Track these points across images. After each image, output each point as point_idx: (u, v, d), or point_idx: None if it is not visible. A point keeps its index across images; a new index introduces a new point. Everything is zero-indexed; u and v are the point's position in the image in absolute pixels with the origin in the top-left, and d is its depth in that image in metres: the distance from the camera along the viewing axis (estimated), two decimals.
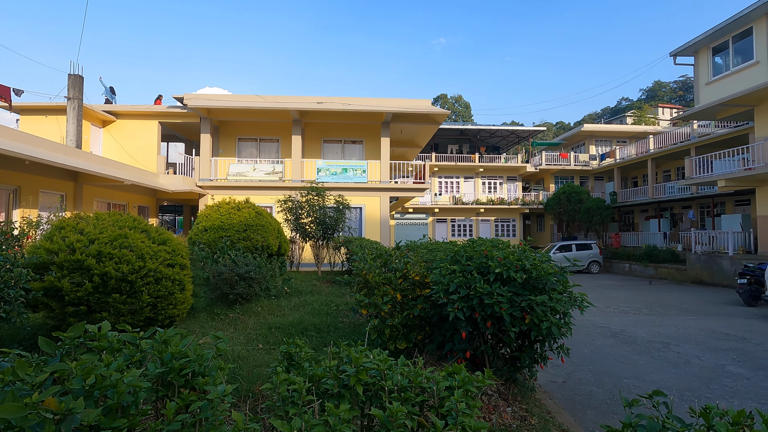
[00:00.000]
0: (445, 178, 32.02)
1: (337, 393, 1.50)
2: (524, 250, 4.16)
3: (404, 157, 23.18)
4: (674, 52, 17.83)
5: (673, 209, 25.71)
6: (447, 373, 1.60)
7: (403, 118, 17.39)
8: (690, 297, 13.50)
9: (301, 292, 9.25)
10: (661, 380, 5.73)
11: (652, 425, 1.25)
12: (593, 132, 32.33)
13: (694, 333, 8.47)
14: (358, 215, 16.72)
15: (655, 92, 73.03)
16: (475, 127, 32.55)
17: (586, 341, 7.83)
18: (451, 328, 4.28)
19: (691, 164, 18.07)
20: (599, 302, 12.30)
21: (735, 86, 15.64)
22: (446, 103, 63.27)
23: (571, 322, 3.77)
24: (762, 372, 6.09)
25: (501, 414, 3.64)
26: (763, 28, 14.66)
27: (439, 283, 4.07)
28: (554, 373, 6.01)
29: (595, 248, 22.54)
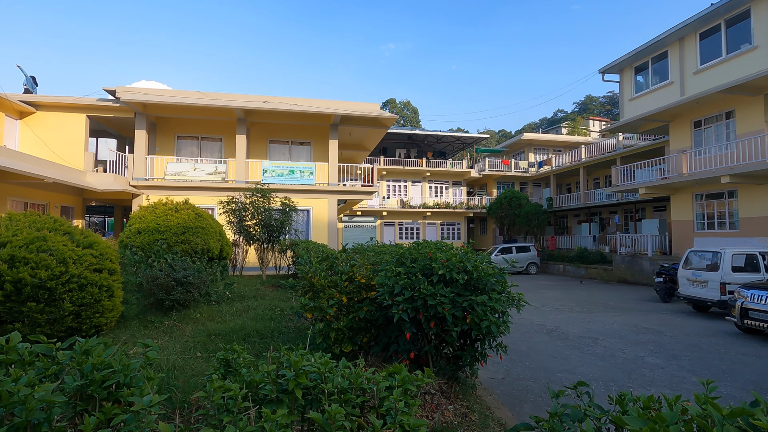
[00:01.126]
0: (394, 182, 32.41)
1: (276, 398, 1.46)
2: (466, 252, 4.31)
3: (353, 160, 23.17)
4: (602, 69, 19.34)
5: (601, 214, 27.79)
6: (388, 374, 1.62)
7: (351, 120, 17.39)
8: (615, 295, 14.64)
9: (244, 297, 8.93)
10: (589, 372, 6.15)
11: (575, 413, 1.34)
12: (532, 141, 34.21)
13: (618, 328, 9.19)
14: (305, 218, 16.46)
15: (586, 105, 78.75)
16: (423, 133, 33.27)
17: (524, 339, 8.24)
18: (396, 329, 4.32)
19: (617, 173, 19.66)
20: (536, 301, 12.99)
21: (653, 103, 17.25)
22: (395, 107, 64.13)
23: (509, 321, 3.95)
24: (674, 361, 6.74)
25: (443, 412, 3.72)
26: (677, 52, 16.31)
27: (385, 285, 4.11)
28: (494, 370, 6.26)
29: (533, 250, 23.81)
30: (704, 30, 15.23)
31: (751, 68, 13.44)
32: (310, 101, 17.20)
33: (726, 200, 15.37)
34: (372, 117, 17.04)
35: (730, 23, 14.38)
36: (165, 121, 17.39)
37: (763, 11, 13.21)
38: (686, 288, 11.47)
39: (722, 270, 10.50)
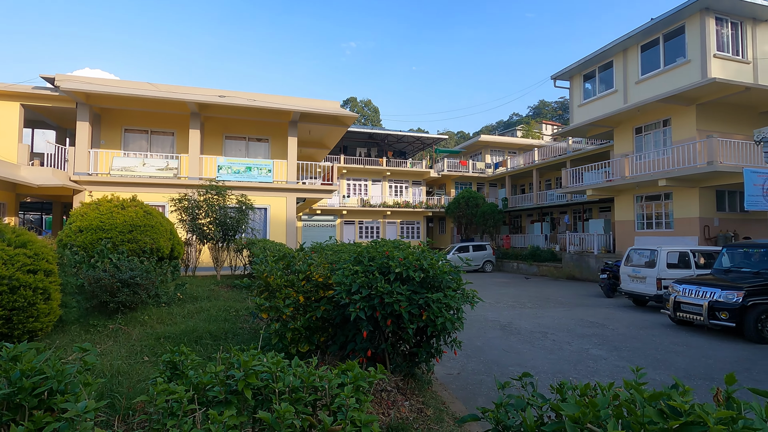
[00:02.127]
0: (354, 181, 32.34)
1: (225, 399, 1.42)
2: (423, 251, 4.38)
3: (312, 158, 22.90)
4: (554, 76, 20.25)
5: (552, 214, 29.11)
6: (341, 371, 1.62)
7: (311, 118, 17.18)
8: (565, 291, 15.38)
9: (197, 298, 8.61)
10: (539, 365, 6.44)
11: (519, 402, 1.40)
12: (489, 143, 35.26)
13: (566, 322, 9.67)
14: (262, 216, 16.08)
15: (540, 110, 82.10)
16: (384, 132, 33.43)
17: (479, 334, 8.49)
18: (354, 328, 4.33)
19: (567, 175, 20.66)
20: (491, 298, 13.41)
21: (600, 110, 18.28)
22: (356, 106, 63.98)
23: (463, 317, 4.05)
24: (616, 353, 7.18)
25: (399, 408, 3.77)
26: (620, 62, 17.37)
27: (342, 283, 4.10)
28: (450, 366, 6.41)
29: (489, 249, 24.54)
30: (645, 42, 16.31)
31: (685, 80, 14.55)
32: (269, 97, 16.83)
33: (663, 202, 16.56)
34: (332, 115, 16.91)
35: (668, 37, 15.50)
36: (111, 113, 16.41)
37: (696, 28, 14.34)
38: (627, 284, 12.25)
39: (658, 266, 11.30)
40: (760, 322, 7.87)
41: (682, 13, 14.42)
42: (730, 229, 15.10)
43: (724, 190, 15.44)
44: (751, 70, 14.52)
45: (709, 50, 13.96)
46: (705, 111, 15.22)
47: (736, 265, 9.65)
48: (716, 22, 14.27)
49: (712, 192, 15.30)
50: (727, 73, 14.07)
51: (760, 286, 8.19)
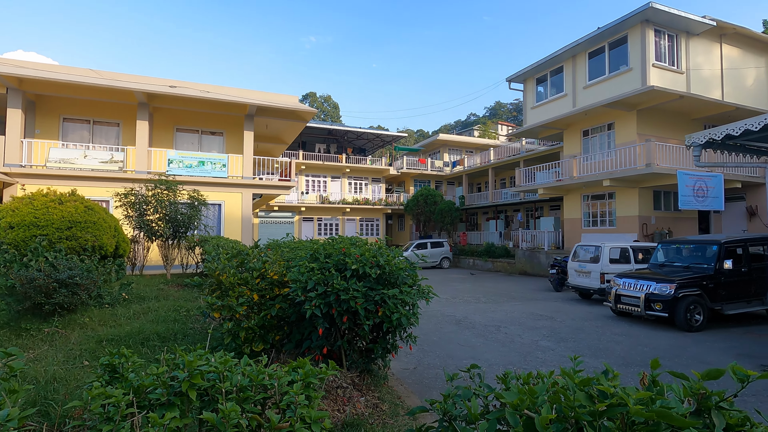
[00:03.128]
0: (313, 177, 31.94)
1: (167, 402, 1.36)
2: (380, 248, 4.40)
3: (270, 153, 22.37)
4: (509, 78, 20.94)
5: (507, 212, 30.17)
6: (291, 369, 1.60)
7: (268, 112, 16.76)
8: (517, 286, 16.00)
9: (144, 298, 8.19)
10: (492, 358, 6.67)
11: (466, 393, 1.45)
12: (447, 141, 35.95)
13: (518, 316, 10.07)
14: (216, 212, 15.54)
15: (496, 111, 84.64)
16: (343, 128, 33.22)
17: (435, 329, 8.66)
18: (310, 325, 4.29)
19: (520, 174, 21.47)
20: (448, 294, 13.72)
21: (551, 112, 19.11)
22: (315, 101, 63.13)
23: (418, 313, 4.12)
24: (563, 343, 7.57)
25: (355, 404, 3.78)
26: (570, 68, 18.24)
27: (298, 281, 4.04)
28: (407, 361, 6.50)
29: (446, 246, 25.07)
30: (592, 50, 17.22)
31: (627, 87, 15.51)
32: (223, 89, 16.25)
33: (607, 201, 17.59)
34: (290, 109, 16.59)
35: (613, 46, 16.44)
36: (47, 100, 15.22)
37: (637, 38, 15.30)
38: (574, 278, 12.93)
39: (602, 262, 12.02)
40: (689, 312, 8.57)
41: (625, 23, 15.34)
42: (665, 227, 16.30)
43: (661, 190, 16.64)
44: (684, 80, 15.70)
45: (649, 60, 14.96)
46: (644, 116, 16.31)
47: (669, 259, 10.43)
48: (655, 33, 15.30)
49: (650, 192, 16.44)
50: (664, 81, 15.13)
51: (689, 279, 8.91)
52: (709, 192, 12.10)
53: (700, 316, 8.62)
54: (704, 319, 8.63)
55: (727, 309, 9.05)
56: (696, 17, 15.10)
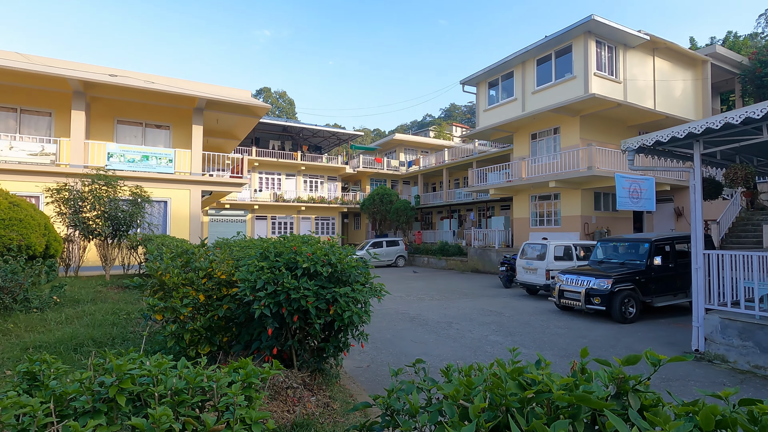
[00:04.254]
0: (266, 174, 31.15)
1: (92, 409, 1.27)
2: (332, 246, 4.37)
3: (221, 148, 21.56)
4: (463, 81, 21.49)
5: (460, 211, 30.96)
6: (232, 369, 1.55)
7: (219, 106, 16.15)
8: (469, 283, 16.47)
9: (79, 301, 7.64)
10: (443, 353, 6.81)
11: (409, 387, 1.47)
12: (403, 141, 36.32)
13: (469, 312, 10.37)
14: (162, 210, 14.76)
15: (451, 112, 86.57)
16: (299, 125, 32.67)
17: (389, 327, 8.73)
18: (259, 325, 4.18)
19: (473, 175, 22.10)
20: (402, 292, 13.88)
21: (502, 115, 19.82)
22: (270, 97, 61.61)
23: (370, 311, 4.13)
24: (510, 337, 7.88)
25: (305, 404, 3.73)
26: (520, 73, 19.00)
27: (246, 280, 3.93)
28: (360, 359, 6.51)
29: (401, 244, 25.34)
30: (540, 57, 18.04)
31: (572, 94, 16.39)
32: (171, 80, 15.47)
33: (552, 201, 18.51)
34: (243, 104, 16.08)
35: (559, 54, 17.31)
36: None
37: (580, 48, 16.21)
38: (522, 275, 13.50)
39: (547, 259, 12.63)
40: (623, 305, 9.20)
41: (570, 33, 16.20)
42: (604, 226, 17.40)
43: (600, 191, 17.74)
44: (622, 89, 16.83)
45: (591, 69, 15.89)
46: (587, 122, 17.32)
47: (607, 256, 11.15)
48: (597, 44, 16.29)
49: (591, 193, 17.48)
50: (604, 90, 16.14)
51: (624, 274, 9.57)
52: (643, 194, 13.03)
53: (633, 308, 9.28)
54: (637, 311, 9.31)
55: (657, 302, 9.81)
56: (632, 31, 16.23)
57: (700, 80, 19.49)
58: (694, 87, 19.44)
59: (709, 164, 8.59)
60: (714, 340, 6.56)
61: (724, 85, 22.60)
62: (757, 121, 6.04)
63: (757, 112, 5.63)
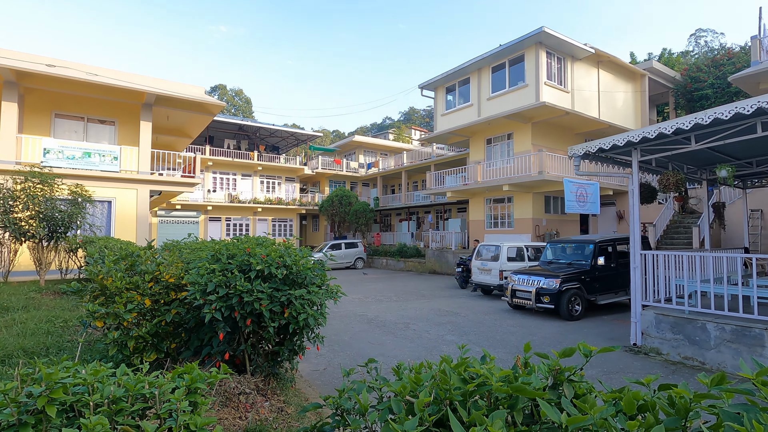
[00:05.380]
0: (221, 174, 30.12)
1: (18, 422, 1.18)
2: (287, 247, 4.30)
3: (172, 146, 20.63)
4: (421, 85, 21.85)
5: (418, 213, 31.39)
6: (176, 375, 1.49)
7: (170, 102, 15.45)
8: (427, 284, 16.73)
9: (8, 309, 7.04)
10: (400, 354, 6.88)
11: (360, 387, 1.48)
12: (362, 143, 36.36)
13: (426, 313, 10.54)
14: (106, 210, 13.90)
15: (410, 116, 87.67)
16: (256, 125, 31.86)
17: (346, 329, 8.70)
18: (210, 330, 4.04)
19: (431, 178, 22.50)
20: (360, 294, 13.88)
21: (459, 120, 20.33)
22: (225, 94, 59.71)
23: (326, 313, 4.10)
24: (465, 337, 8.08)
25: (258, 410, 3.65)
26: (476, 80, 19.58)
27: (196, 283, 3.79)
28: (317, 363, 6.44)
29: (360, 246, 25.33)
30: (495, 65, 18.68)
31: (524, 101, 17.10)
32: (116, 73, 14.61)
33: (506, 204, 19.20)
34: (195, 101, 15.48)
35: (512, 63, 18.01)
36: None
37: (532, 58, 16.95)
38: (477, 275, 13.89)
39: (501, 260, 13.07)
40: (570, 303, 9.70)
41: (522, 43, 16.90)
42: (554, 228, 18.26)
43: (551, 195, 18.61)
44: (570, 98, 17.76)
45: (541, 78, 16.66)
46: (538, 129, 18.13)
47: (556, 257, 11.70)
48: (547, 55, 17.09)
49: (542, 197, 18.30)
50: (554, 98, 16.97)
51: (571, 274, 10.09)
52: (589, 198, 13.82)
53: (579, 306, 9.80)
54: (582, 309, 9.84)
55: (601, 299, 10.42)
56: (579, 44, 17.18)
57: (639, 92, 20.95)
58: (634, 98, 20.86)
59: (646, 171, 9.25)
60: (650, 334, 7.05)
61: (660, 98, 24.43)
62: (686, 131, 6.58)
63: (686, 123, 6.13)
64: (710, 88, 21.46)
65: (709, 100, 21.30)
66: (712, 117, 5.80)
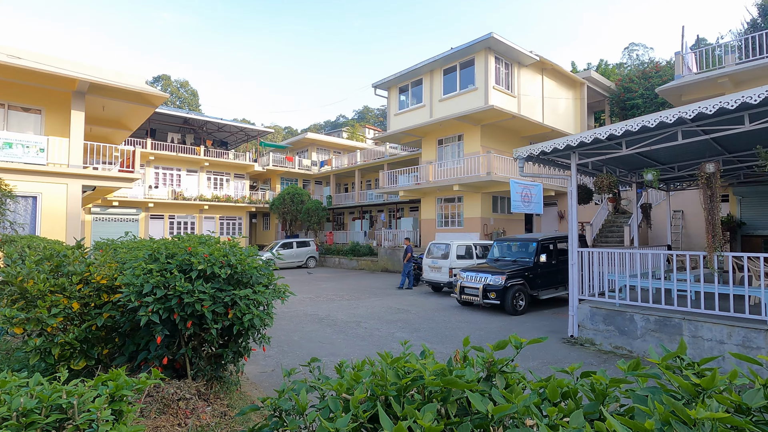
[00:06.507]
0: (164, 170, 28.53)
1: None
2: (232, 246, 4.15)
3: (108, 139, 19.24)
4: (375, 84, 21.91)
5: (372, 212, 31.49)
6: (100, 382, 1.38)
7: (106, 91, 14.39)
8: (379, 282, 16.82)
9: None
10: (351, 352, 6.86)
11: (300, 386, 1.46)
12: (315, 141, 35.87)
13: (378, 311, 10.59)
14: (30, 207, 12.72)
15: (364, 115, 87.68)
16: (203, 118, 30.47)
17: (297, 329, 8.56)
18: (147, 334, 3.82)
19: (384, 177, 22.63)
20: (312, 293, 13.70)
21: (411, 120, 20.61)
22: (170, 85, 56.61)
23: (273, 313, 4.01)
24: (416, 333, 8.21)
25: (199, 415, 3.49)
26: (429, 81, 19.93)
27: (131, 284, 3.56)
28: (265, 364, 6.28)
29: (312, 245, 25.00)
30: (447, 67, 19.11)
31: (474, 104, 17.63)
32: (44, 57, 13.38)
33: (456, 204, 19.72)
34: (135, 91, 14.53)
35: (463, 66, 18.51)
36: None
37: (482, 62, 17.52)
38: (428, 273, 14.16)
39: (450, 258, 13.41)
40: (515, 299, 10.14)
41: (472, 48, 17.42)
42: (501, 227, 19.01)
43: (498, 195, 19.34)
44: (516, 103, 18.54)
45: (490, 82, 17.26)
46: (487, 131, 18.78)
47: (502, 255, 12.18)
48: (496, 60, 17.73)
49: (490, 197, 18.98)
50: (502, 102, 17.64)
51: (515, 270, 10.54)
52: (533, 198, 14.52)
53: (522, 301, 10.27)
54: (526, 304, 10.32)
55: (542, 294, 10.98)
56: (525, 51, 17.97)
57: (579, 99, 22.29)
58: (574, 105, 22.16)
59: (584, 173, 9.86)
60: (585, 326, 7.53)
61: (598, 105, 26.14)
62: (618, 137, 7.08)
63: (618, 130, 6.60)
64: (640, 98, 23.28)
65: (640, 109, 23.10)
66: (640, 125, 6.28)
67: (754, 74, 12.21)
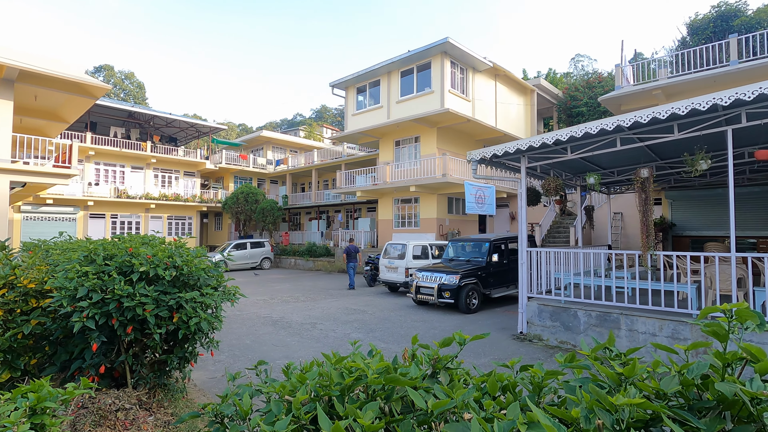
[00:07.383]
0: (106, 166, 26.78)
1: None
2: (178, 247, 3.97)
3: (42, 132, 17.78)
4: (332, 84, 21.75)
5: (329, 212, 31.21)
6: (20, 394, 1.26)
7: (39, 80, 13.28)
8: (335, 283, 16.70)
9: None
10: (305, 355, 6.76)
11: (245, 390, 1.41)
12: (271, 139, 35.05)
13: (334, 311, 10.51)
14: None
15: (322, 114, 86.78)
16: (149, 112, 28.90)
17: (249, 332, 8.31)
18: (82, 341, 3.57)
19: (341, 177, 22.51)
20: (266, 294, 13.37)
21: (369, 121, 20.64)
22: (113, 76, 53.25)
23: (221, 316, 3.87)
24: (371, 333, 8.22)
25: (140, 426, 3.31)
26: (386, 82, 20.05)
27: (63, 288, 3.31)
28: (215, 369, 6.05)
29: (267, 246, 24.40)
30: (404, 69, 19.32)
31: (430, 107, 17.94)
32: None
33: (413, 204, 19.97)
34: (72, 80, 13.52)
35: (420, 69, 18.79)
36: None
37: (438, 66, 17.87)
38: (384, 273, 14.23)
39: (407, 258, 13.56)
40: (468, 298, 10.41)
41: (429, 51, 17.72)
42: (456, 228, 19.46)
43: (453, 197, 19.79)
44: (471, 107, 19.07)
45: (446, 86, 17.63)
46: (443, 133, 19.16)
47: (456, 254, 12.47)
48: (452, 65, 18.14)
49: (445, 198, 19.38)
50: (457, 106, 18.07)
51: (469, 270, 10.83)
52: (486, 200, 14.99)
53: (476, 300, 10.56)
54: (479, 302, 10.63)
55: (495, 293, 11.35)
56: (480, 57, 18.52)
57: (530, 105, 23.28)
58: (525, 111, 23.12)
59: (533, 176, 10.31)
60: (534, 322, 7.87)
61: (547, 112, 27.42)
62: (564, 143, 7.47)
63: (564, 135, 6.96)
64: (585, 107, 24.67)
65: (584, 117, 24.47)
66: (583, 131, 6.65)
67: (685, 87, 13.31)
